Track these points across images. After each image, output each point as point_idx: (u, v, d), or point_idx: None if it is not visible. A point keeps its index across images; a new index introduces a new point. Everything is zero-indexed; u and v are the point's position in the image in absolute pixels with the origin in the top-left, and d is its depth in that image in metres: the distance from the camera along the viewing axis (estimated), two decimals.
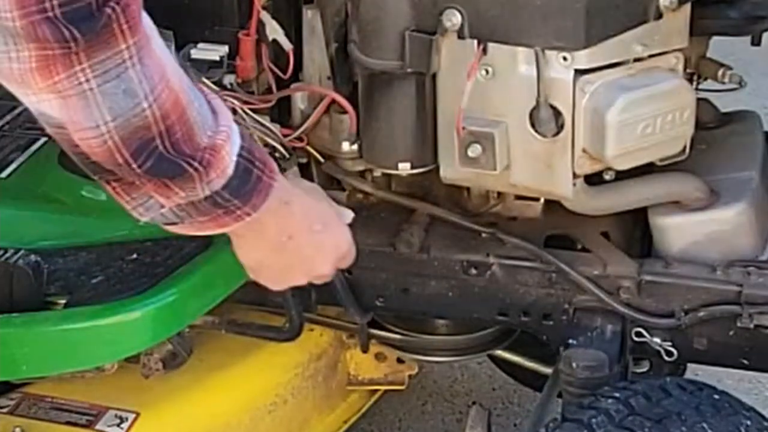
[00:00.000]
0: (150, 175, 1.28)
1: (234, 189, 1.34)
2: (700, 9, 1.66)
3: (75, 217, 1.85)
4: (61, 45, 1.17)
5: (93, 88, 1.20)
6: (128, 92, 1.22)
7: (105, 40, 1.19)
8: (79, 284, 1.71)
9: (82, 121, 1.22)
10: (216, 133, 1.32)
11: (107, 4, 1.18)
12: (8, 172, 1.94)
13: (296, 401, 2.00)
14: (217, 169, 1.32)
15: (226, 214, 1.36)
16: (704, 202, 1.74)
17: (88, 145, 1.24)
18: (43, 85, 1.19)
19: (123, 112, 1.22)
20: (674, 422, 1.50)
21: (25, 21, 1.14)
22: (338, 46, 1.71)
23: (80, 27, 1.17)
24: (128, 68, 1.21)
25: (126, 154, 1.25)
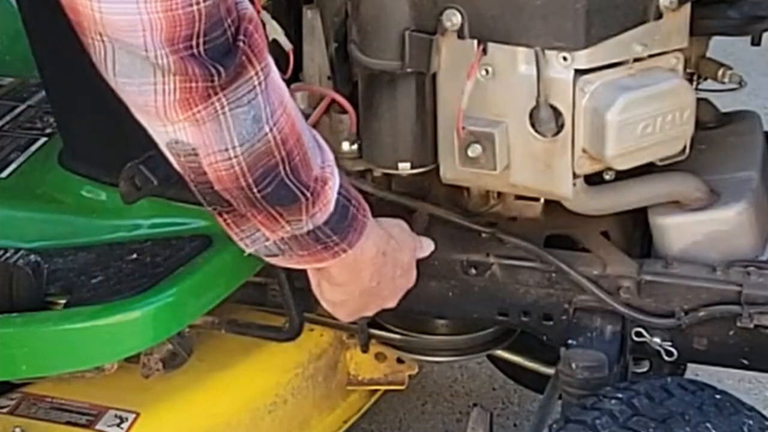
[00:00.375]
0: (266, 202, 1.37)
1: (334, 225, 1.44)
2: (700, 9, 1.66)
3: (75, 217, 1.85)
4: (206, 80, 1.25)
5: (226, 113, 1.28)
6: (255, 118, 1.30)
7: (240, 72, 1.28)
8: (79, 284, 1.71)
9: (213, 145, 1.30)
10: (324, 165, 1.41)
11: (238, 39, 1.27)
12: (8, 172, 1.94)
13: (296, 401, 2.00)
14: (322, 202, 1.41)
15: (324, 249, 1.46)
16: (704, 202, 1.74)
17: (215, 170, 1.32)
18: (183, 116, 1.28)
19: (249, 137, 1.30)
20: (678, 422, 1.50)
21: (176, 56, 1.22)
22: (338, 46, 1.71)
23: (222, 62, 1.25)
24: (258, 94, 1.30)
25: (250, 179, 1.33)
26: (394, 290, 1.64)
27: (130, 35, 1.22)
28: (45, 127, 2.08)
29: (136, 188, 1.67)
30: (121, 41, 1.23)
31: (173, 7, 1.21)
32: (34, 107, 2.16)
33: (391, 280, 1.61)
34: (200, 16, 1.23)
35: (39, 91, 2.18)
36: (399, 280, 1.63)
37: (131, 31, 1.21)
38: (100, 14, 1.20)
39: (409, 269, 1.65)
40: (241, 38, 1.28)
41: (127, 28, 1.21)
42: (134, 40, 1.22)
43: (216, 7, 1.24)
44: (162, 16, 1.21)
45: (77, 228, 1.83)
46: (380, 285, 1.59)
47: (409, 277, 1.65)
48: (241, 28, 1.28)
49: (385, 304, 1.65)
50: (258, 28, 1.30)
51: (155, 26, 1.21)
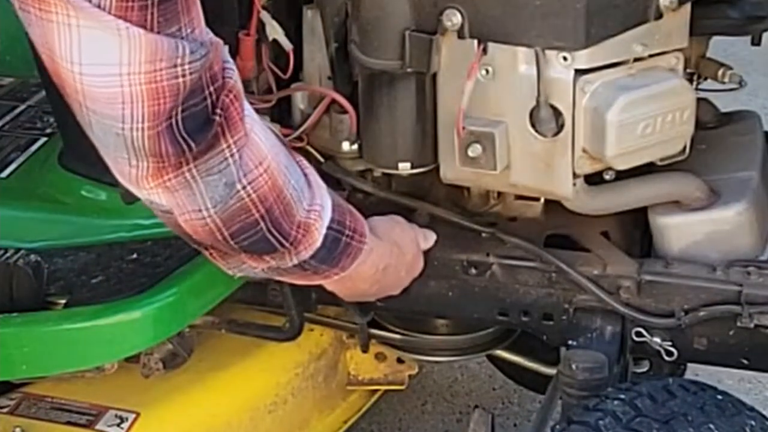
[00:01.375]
0: (245, 251, 1.42)
1: (321, 258, 1.48)
2: (700, 9, 1.66)
3: (75, 217, 1.85)
4: (177, 157, 1.27)
5: (198, 181, 1.31)
6: (228, 183, 1.33)
7: (212, 145, 1.30)
8: (79, 284, 1.71)
9: (187, 206, 1.34)
10: (310, 209, 1.45)
11: (215, 111, 1.28)
12: (8, 172, 1.94)
13: (296, 401, 2.00)
14: (305, 244, 1.45)
15: (315, 274, 1.52)
16: (704, 202, 1.74)
17: (191, 226, 1.37)
18: (154, 185, 1.31)
19: (222, 199, 1.34)
20: (681, 423, 1.49)
21: (152, 132, 1.23)
22: (338, 46, 1.71)
23: (195, 137, 1.27)
24: (230, 164, 1.32)
25: (226, 234, 1.38)
26: (398, 284, 1.68)
27: (109, 107, 1.21)
28: (45, 127, 2.08)
29: None
30: (99, 113, 1.22)
31: (157, 79, 1.20)
32: (34, 107, 2.16)
33: (395, 280, 1.65)
34: (184, 88, 1.22)
35: (39, 91, 2.18)
36: (405, 278, 1.68)
37: (111, 103, 1.21)
38: (82, 85, 1.20)
39: (414, 262, 1.68)
40: (219, 111, 1.28)
41: (108, 100, 1.20)
42: (112, 111, 1.21)
43: (200, 77, 1.24)
44: (145, 88, 1.19)
45: (77, 228, 1.83)
46: (380, 287, 1.64)
47: (414, 268, 1.68)
48: (220, 99, 1.28)
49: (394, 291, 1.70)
50: (236, 99, 1.30)
51: (136, 99, 1.20)
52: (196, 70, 1.22)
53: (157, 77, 1.19)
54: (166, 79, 1.20)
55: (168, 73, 1.20)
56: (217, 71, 1.27)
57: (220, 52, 1.29)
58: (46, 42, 1.20)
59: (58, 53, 1.19)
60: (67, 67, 1.19)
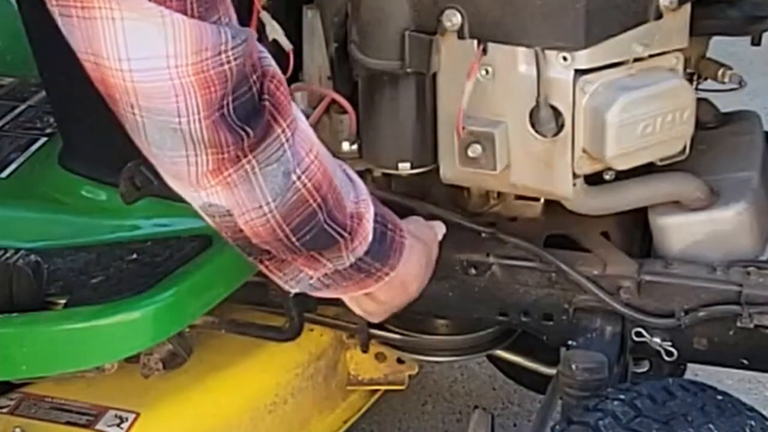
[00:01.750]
0: (305, 248, 1.39)
1: (374, 253, 1.46)
2: (700, 9, 1.66)
3: (75, 217, 1.85)
4: (236, 147, 1.26)
5: (257, 173, 1.29)
6: (285, 172, 1.31)
7: (267, 132, 1.28)
8: (79, 284, 1.71)
9: (247, 203, 1.31)
10: (358, 199, 1.44)
11: (263, 97, 1.27)
12: (8, 172, 1.94)
13: (296, 401, 2.00)
14: (360, 236, 1.43)
15: (368, 276, 1.49)
16: (704, 202, 1.74)
17: (252, 227, 1.34)
18: (215, 182, 1.29)
19: (281, 191, 1.32)
20: (681, 423, 1.49)
21: (209, 121, 1.21)
22: (338, 46, 1.71)
23: (249, 124, 1.26)
24: (286, 150, 1.31)
25: (287, 230, 1.35)
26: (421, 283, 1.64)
27: (164, 102, 1.20)
28: (45, 127, 2.08)
29: (136, 188, 1.67)
30: (153, 110, 1.21)
31: (204, 68, 1.20)
32: (34, 107, 2.16)
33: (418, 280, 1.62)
34: (231, 75, 1.22)
35: (39, 91, 2.18)
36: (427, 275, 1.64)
37: (164, 98, 1.20)
38: (132, 83, 1.19)
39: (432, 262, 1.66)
40: (266, 97, 1.28)
41: (160, 95, 1.20)
42: (167, 105, 1.21)
43: (244, 64, 1.24)
44: (194, 79, 1.19)
45: (77, 228, 1.83)
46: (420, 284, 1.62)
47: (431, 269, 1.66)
48: (265, 85, 1.28)
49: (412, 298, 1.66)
50: (280, 85, 1.30)
51: (188, 90, 1.20)
52: (240, 56, 1.22)
53: (204, 67, 1.19)
54: (213, 67, 1.20)
55: (214, 61, 1.20)
56: (255, 59, 1.27)
57: (253, 40, 1.28)
58: (91, 45, 1.19)
59: (104, 53, 1.18)
60: (115, 68, 1.18)
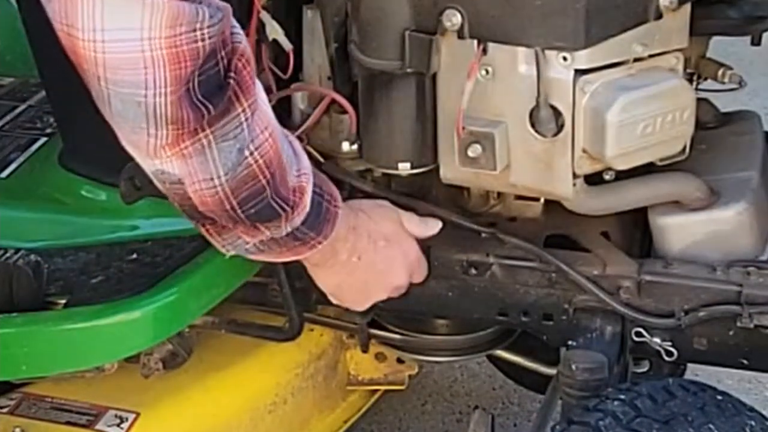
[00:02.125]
0: (249, 219, 1.41)
1: (310, 223, 1.49)
2: (700, 9, 1.66)
3: (75, 217, 1.85)
4: (196, 122, 1.28)
5: (212, 147, 1.31)
6: (240, 149, 1.33)
7: (227, 109, 1.30)
8: (79, 284, 1.71)
9: (199, 174, 1.33)
10: (300, 173, 1.45)
11: (228, 74, 1.28)
12: (8, 172, 1.94)
13: (296, 401, 2.00)
14: (300, 208, 1.46)
15: (302, 245, 1.51)
16: (704, 202, 1.74)
17: (200, 196, 1.36)
18: (171, 153, 1.31)
19: (233, 166, 1.34)
20: (681, 423, 1.50)
21: (174, 97, 1.23)
22: (338, 46, 1.71)
23: (211, 100, 1.27)
24: (244, 129, 1.33)
25: (234, 202, 1.37)
26: (387, 262, 1.66)
27: (132, 73, 1.21)
28: (45, 127, 2.08)
29: (136, 188, 1.67)
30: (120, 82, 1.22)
31: (177, 43, 1.20)
32: (34, 107, 2.16)
33: (374, 251, 1.63)
34: (203, 52, 1.23)
35: (39, 91, 2.18)
36: (386, 251, 1.65)
37: (133, 69, 1.21)
38: (103, 54, 1.20)
39: (396, 238, 1.66)
40: (232, 74, 1.29)
41: (129, 66, 1.21)
42: (135, 77, 1.21)
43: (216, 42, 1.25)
44: (166, 53, 1.20)
45: (77, 228, 1.83)
46: (363, 259, 1.62)
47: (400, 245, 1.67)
48: (233, 63, 1.29)
49: (391, 281, 1.68)
50: (248, 64, 1.31)
51: (158, 64, 1.21)
52: (215, 34, 1.23)
53: (177, 41, 1.20)
54: (186, 43, 1.21)
55: (188, 37, 1.21)
56: (227, 36, 1.28)
57: (229, 17, 1.29)
58: (67, 16, 1.19)
59: (79, 24, 1.19)
60: (87, 38, 1.19)
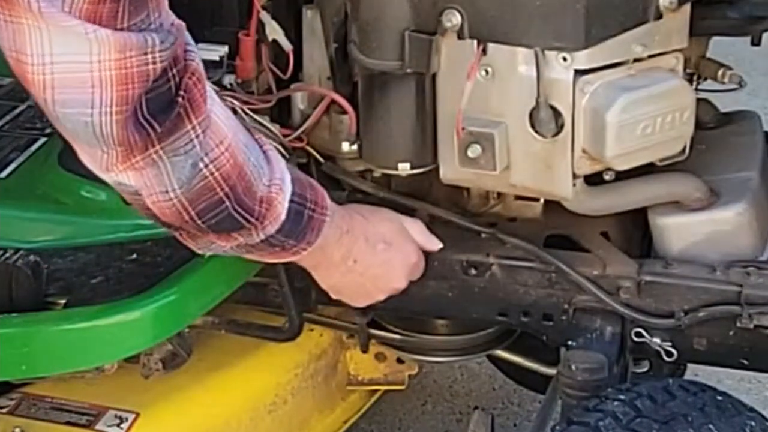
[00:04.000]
0: (212, 229, 1.43)
1: (287, 231, 1.49)
2: (700, 9, 1.66)
3: (75, 217, 1.84)
4: (143, 141, 1.30)
5: (164, 161, 1.33)
6: (193, 164, 1.35)
7: (176, 127, 1.32)
8: (79, 284, 1.71)
9: (154, 186, 1.36)
10: (271, 183, 1.46)
11: (178, 93, 1.30)
12: (8, 172, 1.94)
13: (296, 401, 2.00)
14: (269, 218, 1.46)
15: (282, 250, 1.52)
16: (704, 202, 1.74)
17: (159, 208, 1.39)
18: (123, 168, 1.33)
19: (188, 179, 1.36)
20: (681, 424, 1.50)
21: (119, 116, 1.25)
22: (338, 46, 1.71)
23: (158, 119, 1.29)
24: (195, 145, 1.34)
25: (192, 213, 1.39)
26: (386, 265, 1.66)
27: (79, 91, 1.22)
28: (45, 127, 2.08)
29: None
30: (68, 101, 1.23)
31: (127, 65, 1.22)
32: (34, 107, 2.16)
33: (372, 254, 1.64)
34: (153, 74, 1.25)
35: None
36: (385, 254, 1.65)
37: (80, 87, 1.22)
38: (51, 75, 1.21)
39: (396, 241, 1.67)
40: (182, 93, 1.30)
41: (76, 85, 1.22)
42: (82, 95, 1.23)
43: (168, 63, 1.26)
44: (114, 74, 1.22)
45: (77, 228, 1.83)
46: (360, 262, 1.63)
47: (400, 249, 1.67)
48: (183, 81, 1.30)
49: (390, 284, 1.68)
50: (199, 82, 1.33)
51: (105, 83, 1.22)
52: (166, 58, 1.25)
53: (127, 64, 1.22)
54: (137, 65, 1.22)
55: (138, 60, 1.22)
56: (179, 54, 1.29)
57: (183, 34, 1.31)
58: (15, 44, 1.22)
59: (28, 51, 1.21)
60: (37, 62, 1.21)
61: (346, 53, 1.69)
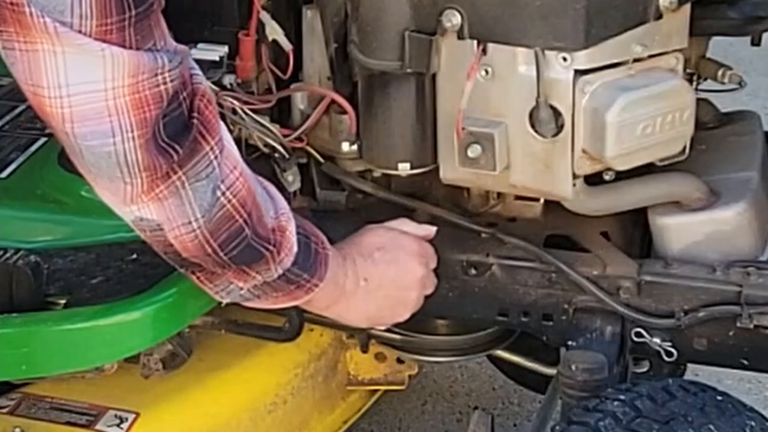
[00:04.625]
0: (233, 262, 1.43)
1: (301, 264, 1.50)
2: (700, 9, 1.66)
3: (75, 217, 1.84)
4: (167, 165, 1.29)
5: (186, 188, 1.33)
6: (213, 189, 1.36)
7: (195, 149, 1.32)
8: (79, 284, 1.71)
9: (177, 218, 1.36)
10: (278, 214, 1.47)
11: (192, 115, 1.31)
12: (8, 172, 1.94)
13: (296, 401, 2.00)
14: (285, 248, 1.47)
15: (297, 288, 1.52)
16: (704, 202, 1.74)
17: (181, 242, 1.38)
18: (147, 199, 1.33)
19: (209, 207, 1.36)
20: (681, 424, 1.50)
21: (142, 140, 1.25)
22: (338, 46, 1.71)
23: (178, 141, 1.29)
24: (215, 168, 1.35)
25: (215, 245, 1.39)
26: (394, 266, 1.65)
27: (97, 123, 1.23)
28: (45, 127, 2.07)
29: None
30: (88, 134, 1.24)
31: (140, 89, 1.23)
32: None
33: (373, 265, 1.63)
34: (167, 95, 1.26)
35: None
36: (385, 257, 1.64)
37: (98, 119, 1.23)
38: (69, 109, 1.22)
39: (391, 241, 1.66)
40: (195, 115, 1.31)
41: (94, 116, 1.23)
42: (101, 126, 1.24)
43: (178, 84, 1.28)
44: (129, 99, 1.23)
45: (77, 228, 1.83)
46: (370, 279, 1.63)
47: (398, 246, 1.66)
48: (194, 104, 1.31)
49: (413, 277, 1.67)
50: (209, 104, 1.34)
51: (122, 110, 1.23)
52: (176, 77, 1.27)
53: (140, 87, 1.23)
54: (149, 88, 1.23)
55: (150, 82, 1.23)
56: (186, 78, 1.31)
57: (188, 59, 1.33)
58: (32, 77, 1.24)
59: (44, 83, 1.22)
60: (53, 95, 1.22)
61: (346, 53, 1.69)
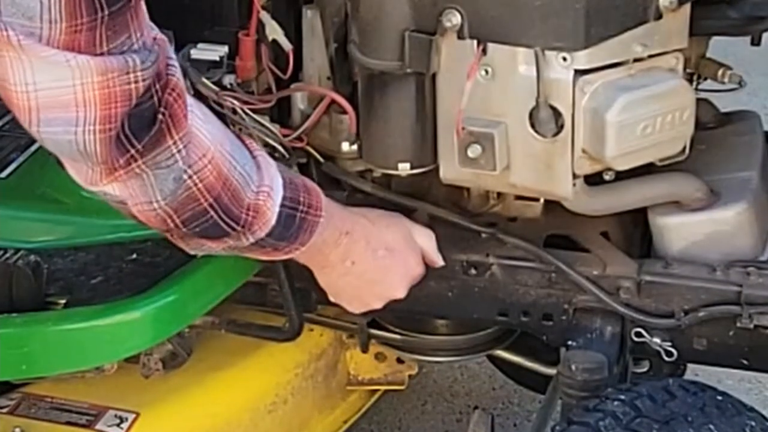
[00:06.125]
0: (199, 235, 1.46)
1: (278, 235, 1.51)
2: (700, 9, 1.66)
3: (75, 217, 1.84)
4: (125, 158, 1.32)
5: (148, 174, 1.35)
6: (176, 177, 1.37)
7: (157, 143, 1.33)
8: (79, 284, 1.71)
9: (139, 196, 1.38)
10: (259, 190, 1.47)
11: (159, 110, 1.31)
12: (8, 172, 1.94)
13: (296, 401, 2.00)
14: (257, 225, 1.48)
15: (274, 250, 1.54)
16: (704, 202, 1.74)
17: (145, 216, 1.41)
18: (107, 180, 1.35)
19: (171, 191, 1.38)
20: (681, 424, 1.50)
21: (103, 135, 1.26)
22: (338, 46, 1.71)
23: (138, 136, 1.30)
24: (177, 160, 1.36)
25: (177, 221, 1.42)
26: (384, 272, 1.66)
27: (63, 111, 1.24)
28: None
29: None
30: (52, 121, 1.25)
31: (110, 85, 1.23)
32: None
33: (371, 259, 1.64)
34: (137, 92, 1.26)
35: None
36: (385, 260, 1.65)
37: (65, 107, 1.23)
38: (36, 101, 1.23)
39: (398, 249, 1.67)
40: (162, 110, 1.31)
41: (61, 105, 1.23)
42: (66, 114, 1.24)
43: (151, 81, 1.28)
44: (98, 93, 1.23)
45: (77, 228, 1.83)
46: (358, 265, 1.63)
47: (402, 257, 1.67)
48: (164, 98, 1.31)
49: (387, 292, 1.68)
50: (179, 97, 1.33)
51: (89, 103, 1.23)
52: (149, 76, 1.27)
53: (109, 84, 1.23)
54: (119, 85, 1.24)
55: (120, 80, 1.24)
56: (161, 69, 1.30)
57: (166, 48, 1.32)
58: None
59: (11, 80, 1.22)
60: (21, 90, 1.22)
61: (346, 53, 1.69)
